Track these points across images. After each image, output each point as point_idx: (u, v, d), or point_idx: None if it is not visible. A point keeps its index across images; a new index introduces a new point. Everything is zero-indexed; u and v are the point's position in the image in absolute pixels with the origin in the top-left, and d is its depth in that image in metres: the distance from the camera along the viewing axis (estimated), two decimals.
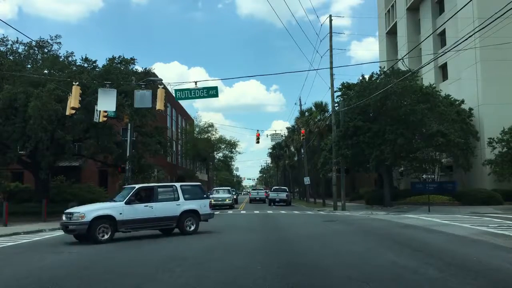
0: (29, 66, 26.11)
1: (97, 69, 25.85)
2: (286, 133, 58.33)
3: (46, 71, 25.33)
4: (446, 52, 23.20)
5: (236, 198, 45.26)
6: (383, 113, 29.49)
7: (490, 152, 29.69)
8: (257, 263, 8.66)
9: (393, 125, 28.41)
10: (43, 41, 26.78)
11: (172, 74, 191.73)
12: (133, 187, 14.26)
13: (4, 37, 26.50)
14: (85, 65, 26.30)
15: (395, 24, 46.07)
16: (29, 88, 22.20)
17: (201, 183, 18.24)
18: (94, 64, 26.43)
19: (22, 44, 26.61)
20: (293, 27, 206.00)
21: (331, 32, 31.62)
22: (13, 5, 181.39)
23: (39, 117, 21.27)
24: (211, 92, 18.26)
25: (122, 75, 25.17)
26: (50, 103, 21.20)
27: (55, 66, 25.57)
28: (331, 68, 31.25)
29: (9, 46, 26.36)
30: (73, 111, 17.61)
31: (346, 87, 33.28)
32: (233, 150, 58.58)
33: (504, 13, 13.21)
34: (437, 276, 7.31)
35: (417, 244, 11.31)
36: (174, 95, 19.99)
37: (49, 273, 8.09)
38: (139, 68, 27.89)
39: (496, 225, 16.26)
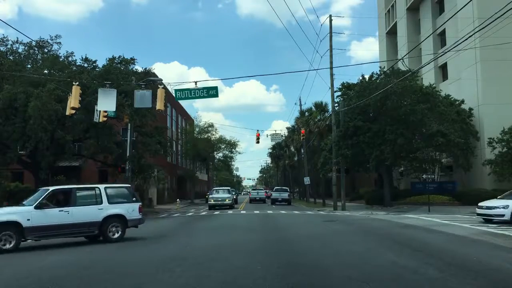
0: (29, 66, 26.14)
1: (97, 69, 25.88)
2: (286, 133, 58.35)
3: (46, 71, 25.34)
4: (446, 52, 23.19)
5: (236, 198, 45.18)
6: (383, 113, 29.49)
7: (490, 152, 29.69)
8: (257, 263, 8.66)
9: (393, 125, 28.41)
10: (43, 41, 26.81)
11: (172, 74, 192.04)
12: (47, 189, 12.62)
13: (4, 37, 26.57)
14: (85, 65, 26.33)
15: (395, 24, 46.07)
16: (29, 88, 22.22)
17: (130, 185, 14.90)
18: (94, 64, 26.47)
19: (22, 44, 26.66)
20: (293, 27, 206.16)
21: (331, 32, 31.63)
22: (13, 5, 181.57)
23: (39, 117, 21.29)
24: (211, 92, 18.27)
25: (122, 75, 25.20)
26: (50, 103, 21.22)
27: (55, 66, 25.59)
28: (331, 68, 31.26)
29: (9, 46, 26.40)
30: (73, 111, 17.62)
31: (346, 87, 33.28)
32: (233, 150, 58.37)
33: (504, 13, 13.21)
34: (437, 276, 7.31)
35: (417, 244, 11.32)
36: (174, 95, 19.99)
37: (49, 273, 8.09)
38: (139, 68, 27.95)
39: (496, 225, 16.28)
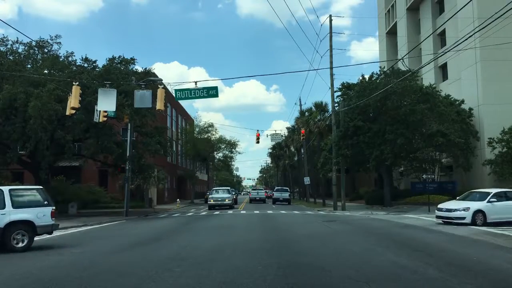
0: (29, 66, 26.13)
1: (97, 69, 25.87)
2: (286, 133, 58.37)
3: (46, 71, 25.34)
4: (446, 52, 23.20)
5: (236, 198, 45.15)
6: (383, 113, 29.49)
7: (490, 152, 29.69)
8: (257, 263, 8.66)
9: (393, 125, 28.41)
10: (43, 41, 26.80)
11: (172, 74, 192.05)
12: None
13: (4, 37, 26.57)
14: (85, 65, 26.32)
15: (395, 24, 46.06)
16: (29, 88, 22.21)
17: (42, 187, 12.90)
18: (94, 64, 26.46)
19: (22, 44, 26.66)
20: (293, 27, 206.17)
21: (331, 32, 31.64)
22: (13, 5, 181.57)
23: (39, 117, 21.28)
24: (211, 92, 18.28)
25: (122, 75, 25.20)
26: (50, 103, 21.22)
27: (55, 66, 25.58)
28: (331, 68, 31.26)
29: (9, 46, 26.40)
30: (73, 111, 17.63)
31: (346, 87, 33.28)
32: (233, 150, 58.42)
33: (504, 13, 13.21)
34: (437, 276, 7.31)
35: (417, 244, 11.32)
36: (174, 95, 19.99)
37: (49, 273, 8.09)
38: (139, 68, 27.94)
39: (496, 225, 16.28)
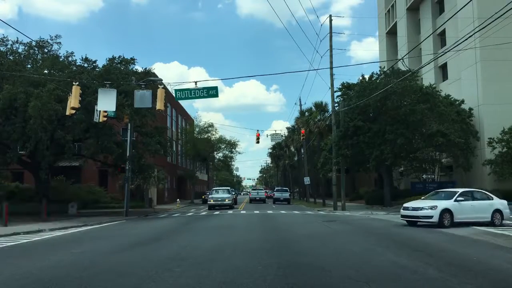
0: (29, 66, 26.13)
1: (97, 69, 25.87)
2: (286, 133, 58.39)
3: (46, 71, 25.33)
4: (446, 52, 23.20)
5: (236, 198, 45.16)
6: (383, 113, 29.49)
7: (490, 152, 29.70)
8: (257, 263, 8.65)
9: (393, 125, 28.41)
10: (43, 41, 26.80)
11: (172, 74, 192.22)
12: None
13: (4, 37, 26.58)
14: (85, 65, 26.32)
15: (395, 24, 46.07)
16: (29, 88, 22.21)
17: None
18: (94, 64, 26.46)
19: (22, 44, 26.66)
20: (293, 27, 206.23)
21: (331, 32, 31.64)
22: (13, 5, 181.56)
23: (39, 117, 21.27)
24: (211, 92, 18.28)
25: (122, 75, 25.20)
26: (50, 103, 21.21)
27: (55, 66, 25.58)
28: (331, 68, 31.26)
29: (9, 46, 26.40)
30: (73, 111, 17.63)
31: (346, 87, 33.29)
32: (233, 150, 58.44)
33: (504, 13, 13.21)
34: (437, 276, 7.30)
35: (417, 244, 11.31)
36: (174, 95, 19.98)
37: (49, 273, 8.08)
38: (139, 68, 27.94)
39: (496, 225, 16.27)
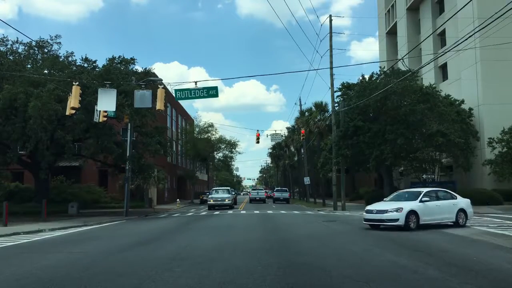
0: (29, 66, 26.15)
1: (97, 69, 25.89)
2: (286, 133, 58.37)
3: (46, 71, 25.36)
4: (446, 52, 23.19)
5: (235, 198, 45.17)
6: (383, 113, 29.48)
7: (490, 152, 29.69)
8: (257, 263, 8.66)
9: (393, 125, 28.40)
10: (43, 41, 26.83)
11: (172, 74, 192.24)
12: None
13: (4, 37, 26.62)
14: (85, 65, 26.34)
15: (395, 24, 46.06)
16: (29, 88, 22.22)
17: None
18: (94, 64, 26.47)
19: (22, 44, 26.70)
20: (293, 27, 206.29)
21: (331, 32, 31.63)
22: (13, 5, 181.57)
23: (39, 117, 21.28)
24: (211, 92, 18.28)
25: (122, 75, 25.21)
26: (50, 103, 21.22)
27: (55, 66, 25.60)
28: (331, 68, 31.25)
29: (9, 46, 26.44)
30: (73, 111, 17.62)
31: (346, 87, 33.28)
32: (233, 150, 58.50)
33: (504, 13, 13.20)
34: (437, 276, 7.30)
35: (417, 244, 11.31)
36: (174, 95, 19.99)
37: (49, 273, 8.08)
38: (139, 68, 27.97)
39: (496, 225, 16.29)
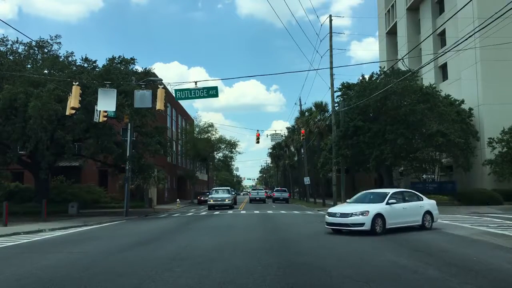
0: (29, 66, 26.15)
1: (97, 69, 25.88)
2: (286, 133, 58.36)
3: (46, 71, 25.35)
4: (446, 52, 23.19)
5: (235, 198, 45.16)
6: (383, 113, 29.49)
7: (490, 152, 29.71)
8: (257, 263, 8.66)
9: (393, 125, 28.41)
10: (43, 41, 26.82)
11: (172, 74, 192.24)
12: None
13: (4, 37, 26.61)
14: (85, 65, 26.33)
15: (395, 24, 46.07)
16: (29, 88, 22.22)
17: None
18: (94, 64, 26.47)
19: (22, 44, 26.69)
20: (293, 27, 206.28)
21: (331, 32, 31.65)
22: (13, 5, 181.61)
23: (39, 117, 21.28)
24: (211, 92, 18.27)
25: (122, 75, 25.21)
26: (50, 103, 21.22)
27: (55, 66, 25.60)
28: (331, 68, 31.27)
29: (9, 46, 26.43)
30: (73, 111, 17.62)
31: (346, 87, 33.29)
32: (233, 150, 58.50)
33: (504, 13, 13.20)
34: (437, 276, 7.30)
35: (417, 244, 11.31)
36: (174, 95, 19.98)
37: (49, 273, 8.08)
38: (139, 68, 27.96)
39: (496, 225, 16.27)
